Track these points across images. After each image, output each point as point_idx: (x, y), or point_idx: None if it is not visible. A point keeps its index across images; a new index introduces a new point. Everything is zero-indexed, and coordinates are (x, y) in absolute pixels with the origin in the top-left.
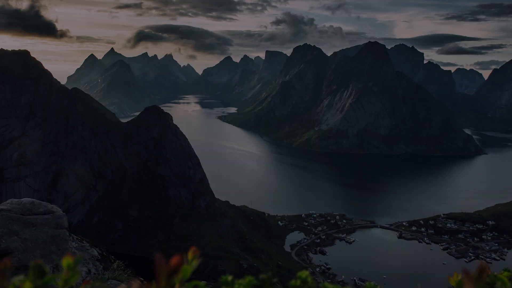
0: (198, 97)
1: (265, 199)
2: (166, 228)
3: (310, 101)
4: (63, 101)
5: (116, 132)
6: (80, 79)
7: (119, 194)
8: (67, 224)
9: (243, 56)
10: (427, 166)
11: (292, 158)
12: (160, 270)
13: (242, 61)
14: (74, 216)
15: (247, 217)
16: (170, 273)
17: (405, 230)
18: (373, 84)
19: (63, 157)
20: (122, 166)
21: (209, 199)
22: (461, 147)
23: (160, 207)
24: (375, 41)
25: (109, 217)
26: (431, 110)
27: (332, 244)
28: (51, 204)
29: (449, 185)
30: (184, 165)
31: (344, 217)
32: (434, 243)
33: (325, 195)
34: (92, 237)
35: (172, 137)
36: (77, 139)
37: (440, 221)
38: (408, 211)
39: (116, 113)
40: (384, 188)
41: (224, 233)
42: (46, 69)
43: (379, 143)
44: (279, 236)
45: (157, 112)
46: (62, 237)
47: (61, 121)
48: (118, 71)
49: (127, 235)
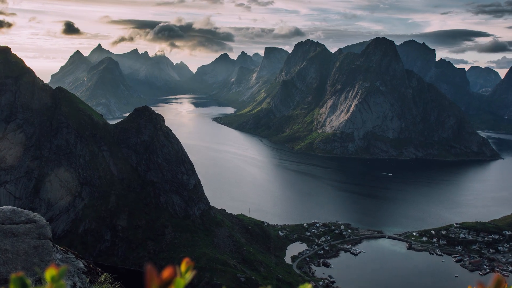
0: (192, 97)
1: (264, 207)
2: (158, 238)
3: (312, 102)
4: (47, 102)
5: (103, 135)
6: (64, 78)
7: (106, 202)
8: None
9: (241, 53)
10: (439, 171)
11: (293, 163)
12: (151, 284)
13: (240, 58)
14: (58, 225)
15: (245, 226)
16: (161, 286)
17: (415, 240)
18: (381, 83)
19: (46, 162)
20: (110, 172)
21: (204, 207)
22: (475, 151)
23: (151, 216)
24: (383, 37)
25: (96, 227)
26: (443, 112)
27: (337, 255)
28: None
29: (463, 192)
30: (177, 171)
31: (350, 226)
32: (446, 255)
33: (329, 203)
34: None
35: (164, 140)
36: (61, 142)
37: (452, 231)
38: (418, 220)
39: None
40: (392, 195)
41: (220, 243)
42: (28, 66)
43: (387, 147)
44: (279, 247)
45: (148, 113)
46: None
47: (44, 123)
48: (106, 69)
49: (115, 245)
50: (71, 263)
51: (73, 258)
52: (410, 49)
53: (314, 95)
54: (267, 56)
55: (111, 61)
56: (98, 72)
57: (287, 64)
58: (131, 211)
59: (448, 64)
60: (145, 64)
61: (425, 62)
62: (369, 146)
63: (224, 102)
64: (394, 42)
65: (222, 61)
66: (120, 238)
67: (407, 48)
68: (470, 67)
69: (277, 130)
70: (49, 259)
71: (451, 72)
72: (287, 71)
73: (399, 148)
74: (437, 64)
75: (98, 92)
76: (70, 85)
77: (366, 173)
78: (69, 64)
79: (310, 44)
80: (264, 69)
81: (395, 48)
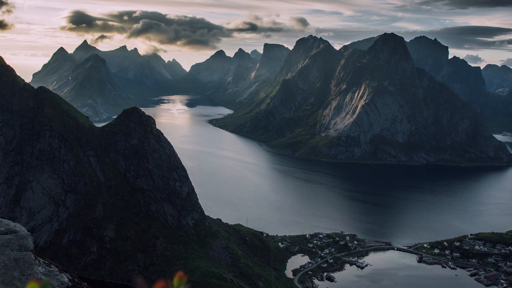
0: (186, 98)
1: (263, 217)
2: (148, 250)
3: (315, 103)
4: (28, 102)
5: (89, 138)
6: (47, 76)
7: (93, 211)
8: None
9: (238, 49)
10: (452, 178)
11: (294, 169)
12: None
13: (237, 55)
14: (41, 236)
15: (242, 237)
16: None
17: (426, 253)
18: (389, 83)
19: (28, 168)
20: (97, 178)
21: (198, 217)
22: (491, 156)
23: (141, 226)
24: (391, 33)
25: (81, 238)
26: (457, 113)
27: (341, 269)
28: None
29: (478, 201)
30: (169, 177)
31: (355, 237)
32: (460, 268)
33: (333, 213)
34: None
35: (155, 144)
36: (44, 146)
37: (467, 242)
38: (429, 231)
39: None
40: (401, 204)
41: (216, 256)
42: (8, 64)
43: (396, 152)
44: (280, 259)
45: (137, 115)
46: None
47: (26, 125)
48: (92, 67)
49: (102, 258)
50: (54, 277)
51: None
52: (420, 46)
53: (317, 95)
54: (266, 53)
55: (97, 58)
56: (83, 70)
57: (288, 62)
58: (119, 220)
59: (462, 62)
60: (135, 62)
61: (437, 60)
62: (376, 151)
63: (219, 103)
64: (403, 39)
65: (217, 58)
66: (108, 250)
67: (417, 45)
68: (486, 65)
69: (277, 134)
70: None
71: (465, 70)
72: (288, 69)
73: (409, 153)
74: (450, 62)
75: (83, 92)
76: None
77: (373, 180)
78: (53, 61)
79: (313, 40)
80: (263, 67)
81: (404, 44)
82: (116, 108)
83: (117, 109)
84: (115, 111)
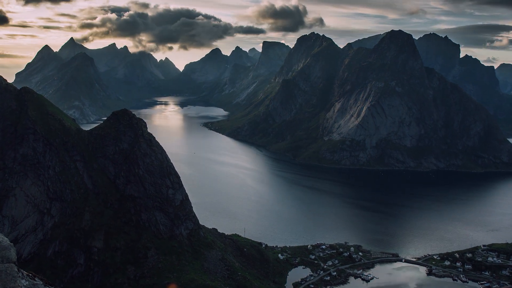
0: (179, 99)
1: (262, 227)
2: (139, 262)
3: (318, 105)
4: (10, 104)
5: (76, 142)
6: (31, 76)
7: (80, 220)
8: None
9: (235, 48)
10: (464, 185)
11: (295, 176)
12: None
13: (234, 54)
14: (24, 247)
15: (240, 248)
16: None
17: (436, 265)
18: (396, 83)
19: (10, 174)
20: (84, 185)
21: (192, 226)
22: (506, 162)
23: (131, 236)
24: (399, 30)
25: (67, 249)
26: (469, 116)
27: (345, 282)
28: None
29: (491, 210)
30: (161, 184)
31: (360, 248)
32: (472, 281)
33: (337, 222)
34: (47, 273)
35: (146, 148)
36: (27, 151)
37: (479, 254)
38: (439, 241)
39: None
40: (409, 213)
41: (211, 268)
42: None
43: (404, 157)
44: (279, 272)
45: (127, 117)
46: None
47: (8, 128)
48: (79, 66)
49: (90, 270)
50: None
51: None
52: (430, 44)
53: (319, 96)
54: (266, 52)
55: (85, 57)
56: (70, 70)
57: (288, 61)
58: (108, 230)
59: (475, 61)
60: (124, 61)
61: (448, 59)
62: (383, 156)
63: (215, 104)
64: (411, 36)
65: (213, 57)
66: (96, 262)
67: (426, 43)
68: (500, 65)
69: (276, 137)
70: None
71: (478, 70)
72: (288, 69)
73: (418, 158)
74: (461, 61)
75: (70, 93)
76: (38, 85)
77: (379, 187)
78: (37, 60)
79: (315, 38)
80: (262, 66)
81: (413, 42)
82: (104, 110)
83: (105, 111)
84: (104, 113)
